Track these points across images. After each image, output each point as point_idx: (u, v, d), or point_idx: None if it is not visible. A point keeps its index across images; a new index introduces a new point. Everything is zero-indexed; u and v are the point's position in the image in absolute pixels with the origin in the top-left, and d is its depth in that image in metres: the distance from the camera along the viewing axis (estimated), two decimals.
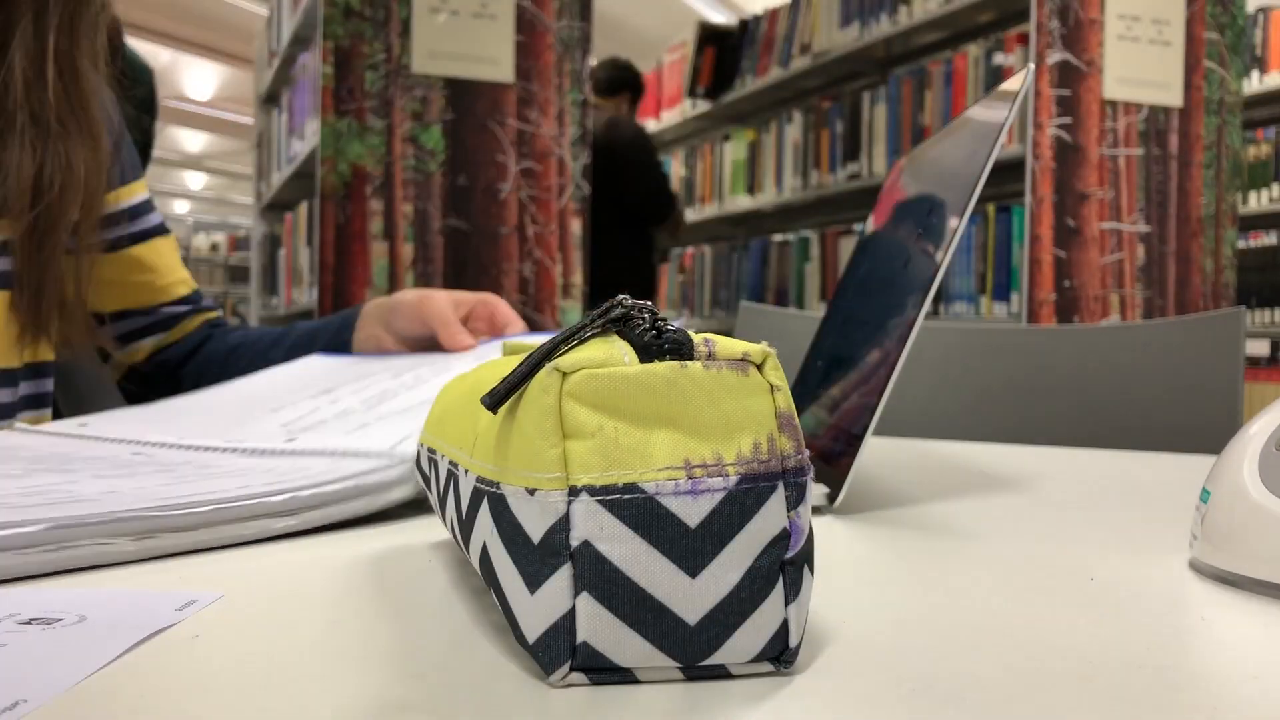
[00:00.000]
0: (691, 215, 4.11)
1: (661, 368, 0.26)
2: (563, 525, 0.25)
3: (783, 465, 0.26)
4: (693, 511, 0.25)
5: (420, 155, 2.45)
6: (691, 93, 3.94)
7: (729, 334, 0.32)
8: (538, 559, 0.25)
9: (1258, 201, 3.48)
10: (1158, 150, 2.48)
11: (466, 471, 0.31)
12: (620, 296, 0.28)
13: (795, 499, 0.26)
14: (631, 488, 0.25)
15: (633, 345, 0.26)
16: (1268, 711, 0.25)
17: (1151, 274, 2.48)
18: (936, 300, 2.86)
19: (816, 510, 0.52)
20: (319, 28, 2.41)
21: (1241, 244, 3.48)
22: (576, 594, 0.25)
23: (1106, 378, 1.15)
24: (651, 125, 4.39)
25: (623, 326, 0.27)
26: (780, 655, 0.27)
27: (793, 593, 0.26)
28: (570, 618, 0.25)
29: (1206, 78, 2.50)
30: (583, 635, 0.25)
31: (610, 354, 0.26)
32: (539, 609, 0.25)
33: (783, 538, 0.26)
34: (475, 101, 2.50)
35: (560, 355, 0.26)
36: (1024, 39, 2.52)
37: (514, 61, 2.53)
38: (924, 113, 2.87)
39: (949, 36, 3.00)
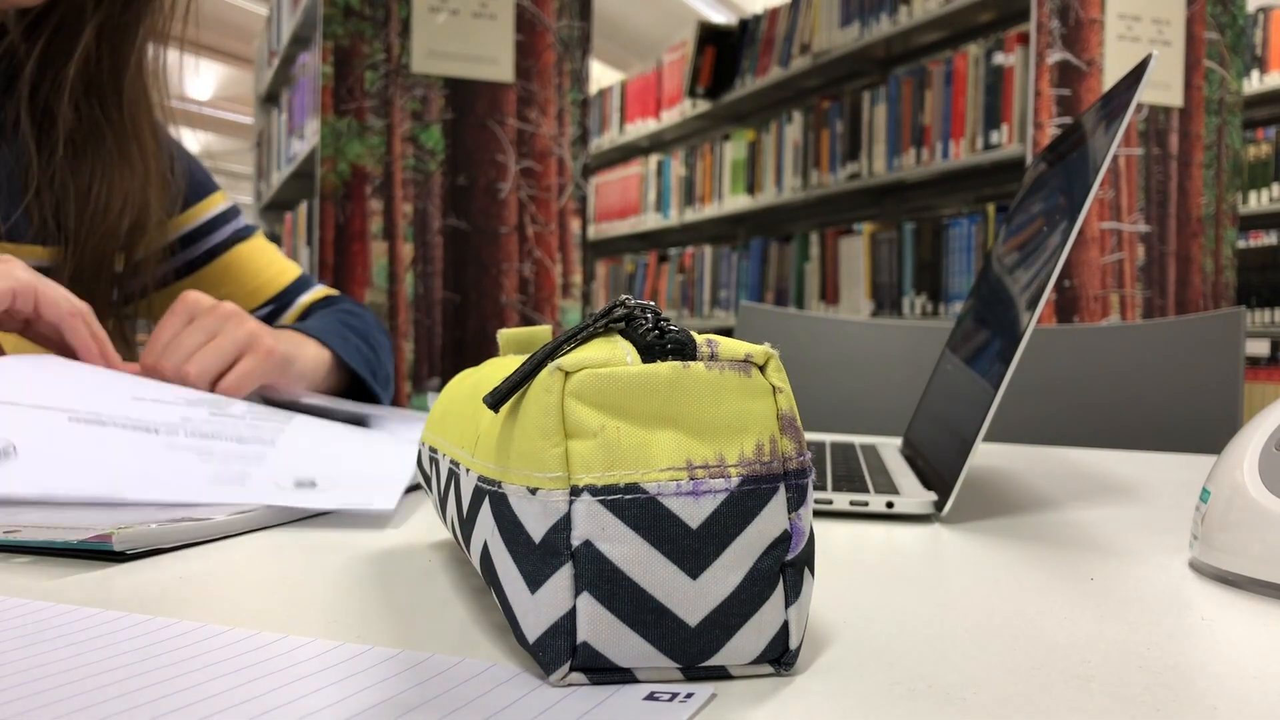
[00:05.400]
0: (691, 215, 4.11)
1: (664, 368, 0.26)
2: (564, 525, 0.25)
3: (784, 467, 0.26)
4: (694, 512, 0.25)
5: (420, 155, 2.45)
6: (691, 92, 3.94)
7: (729, 334, 0.32)
8: (539, 558, 0.25)
9: (1258, 201, 3.48)
10: (1158, 150, 2.47)
11: (468, 471, 0.30)
12: (623, 296, 0.28)
13: (796, 500, 0.26)
14: (633, 488, 0.25)
15: (635, 345, 0.26)
16: (1268, 711, 0.25)
17: (1151, 274, 2.48)
18: (936, 299, 2.86)
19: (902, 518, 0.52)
20: (319, 27, 2.41)
21: (1241, 244, 3.48)
22: (577, 594, 0.25)
23: (1106, 378, 1.15)
24: (651, 125, 4.39)
25: (625, 326, 0.27)
26: (780, 657, 0.27)
27: (793, 595, 0.26)
28: (571, 618, 0.25)
29: (1207, 77, 2.50)
30: (583, 635, 0.25)
31: (613, 354, 0.26)
32: (539, 609, 0.25)
33: (784, 539, 0.26)
34: (475, 101, 2.50)
35: (563, 355, 0.26)
36: (1024, 39, 2.52)
37: (514, 61, 2.53)
38: (924, 113, 2.87)
39: (949, 36, 3.00)
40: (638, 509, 0.25)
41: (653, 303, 0.28)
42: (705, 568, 0.25)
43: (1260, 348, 3.47)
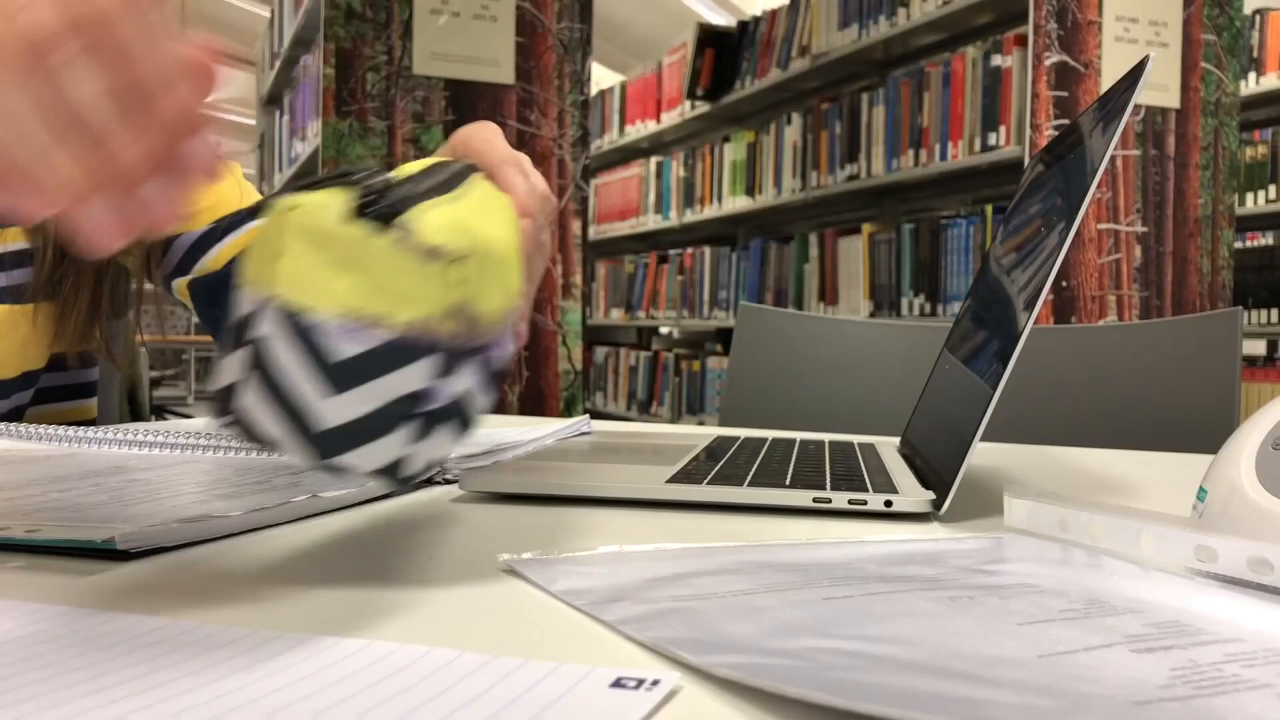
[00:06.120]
0: (691, 216, 4.11)
1: (356, 230, 0.32)
2: (252, 320, 0.32)
3: (436, 341, 0.32)
4: (347, 348, 0.32)
5: (421, 156, 2.45)
6: (691, 94, 3.94)
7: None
8: (232, 338, 0.33)
9: (1254, 202, 3.48)
10: (1155, 151, 2.48)
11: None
12: (373, 166, 0.35)
13: (445, 369, 0.33)
14: (308, 311, 0.32)
15: (352, 202, 0.32)
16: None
17: (1149, 274, 2.48)
18: (934, 300, 2.86)
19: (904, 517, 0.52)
20: (321, 29, 2.41)
21: (1238, 245, 3.48)
22: (250, 371, 0.32)
23: (1104, 378, 1.15)
24: (651, 126, 4.39)
25: (355, 184, 0.33)
26: (398, 478, 0.35)
27: (420, 438, 0.34)
28: (237, 385, 0.33)
29: (1204, 79, 2.51)
30: (244, 403, 0.32)
31: (330, 202, 0.32)
32: (226, 371, 0.33)
33: (420, 395, 0.33)
34: (476, 103, 2.50)
35: (295, 192, 0.33)
36: (1022, 40, 2.52)
37: (514, 63, 2.53)
38: (922, 114, 2.87)
39: (947, 38, 3.00)
40: (305, 328, 0.31)
41: (396, 175, 0.34)
42: (346, 390, 0.32)
43: (1257, 348, 3.48)
